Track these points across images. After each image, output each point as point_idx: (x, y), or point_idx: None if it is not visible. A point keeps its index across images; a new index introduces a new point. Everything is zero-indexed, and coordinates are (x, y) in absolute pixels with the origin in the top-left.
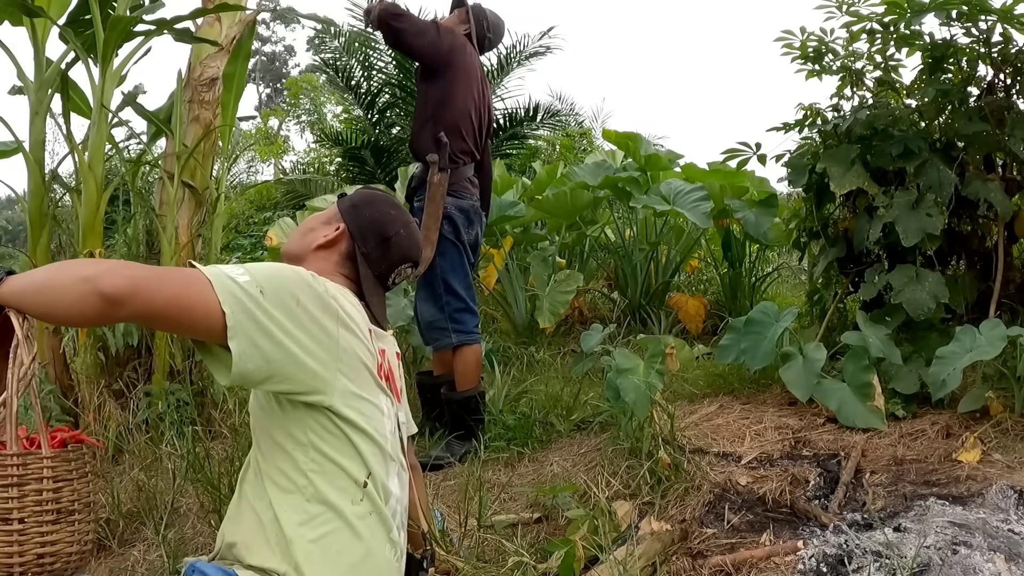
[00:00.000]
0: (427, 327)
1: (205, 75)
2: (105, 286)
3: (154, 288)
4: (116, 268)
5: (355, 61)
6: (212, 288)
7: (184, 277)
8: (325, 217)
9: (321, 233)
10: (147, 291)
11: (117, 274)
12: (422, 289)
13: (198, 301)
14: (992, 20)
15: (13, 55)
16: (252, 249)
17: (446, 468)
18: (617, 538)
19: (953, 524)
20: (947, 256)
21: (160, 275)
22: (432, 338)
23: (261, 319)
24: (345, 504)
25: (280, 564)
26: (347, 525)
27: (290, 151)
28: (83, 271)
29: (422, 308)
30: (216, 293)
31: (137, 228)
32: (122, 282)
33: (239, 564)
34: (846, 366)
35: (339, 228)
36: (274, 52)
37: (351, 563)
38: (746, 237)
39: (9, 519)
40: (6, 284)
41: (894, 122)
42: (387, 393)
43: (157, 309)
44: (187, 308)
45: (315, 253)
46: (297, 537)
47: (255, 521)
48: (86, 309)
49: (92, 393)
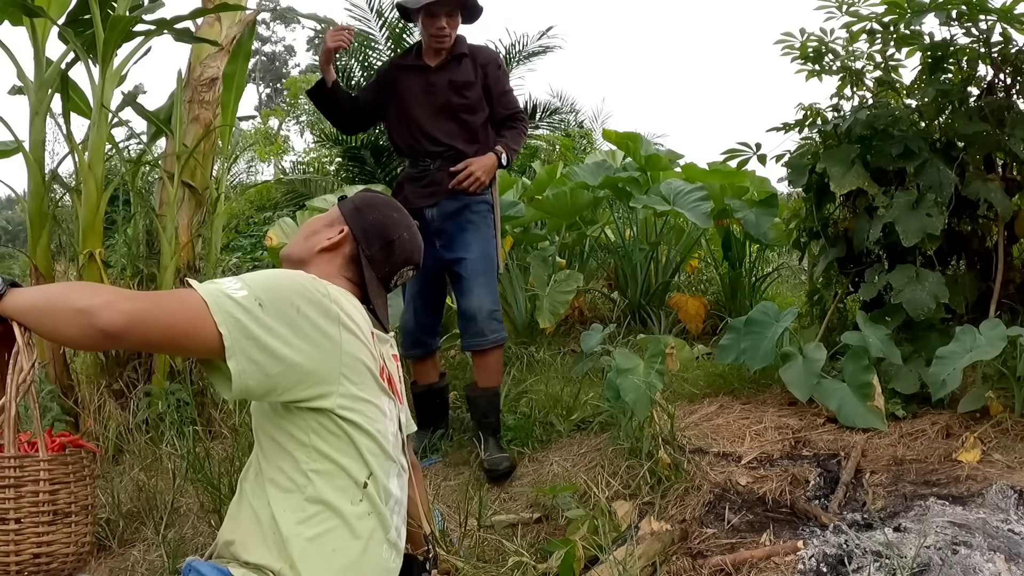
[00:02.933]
0: (487, 317)
1: (205, 75)
2: (102, 322)
3: (150, 320)
4: (113, 303)
5: (355, 61)
6: (208, 310)
7: (179, 303)
8: (327, 220)
9: (324, 236)
10: (143, 325)
11: (114, 309)
12: (480, 277)
13: (194, 326)
14: (992, 20)
15: (13, 55)
16: (252, 249)
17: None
18: (617, 538)
19: (953, 524)
20: (947, 256)
21: (156, 305)
22: (490, 329)
23: (259, 335)
24: (344, 504)
25: (275, 561)
26: (345, 524)
27: (290, 151)
28: (81, 301)
29: (481, 297)
30: (212, 314)
31: (137, 228)
32: (118, 318)
33: (235, 562)
34: (846, 366)
35: (343, 231)
36: (274, 52)
37: (346, 562)
38: (746, 237)
39: (6, 519)
40: (8, 298)
41: (894, 122)
42: (389, 395)
43: (154, 340)
44: (183, 335)
45: (318, 256)
46: (294, 535)
47: (253, 519)
48: (83, 341)
49: (92, 393)
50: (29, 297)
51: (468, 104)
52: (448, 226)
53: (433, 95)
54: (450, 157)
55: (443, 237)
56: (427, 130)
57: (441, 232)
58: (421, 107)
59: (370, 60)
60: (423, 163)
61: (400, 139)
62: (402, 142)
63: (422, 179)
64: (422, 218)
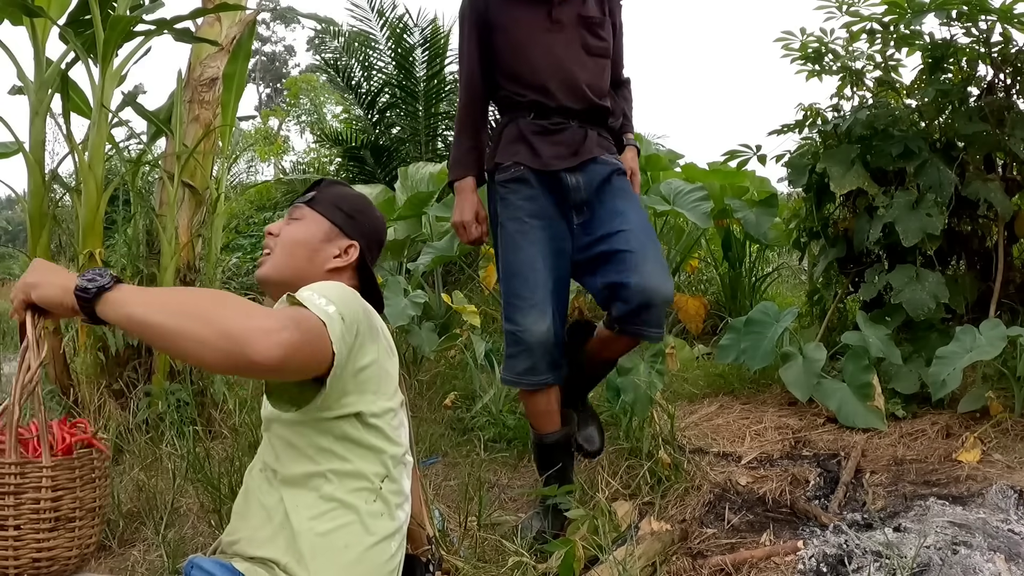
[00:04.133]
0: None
1: (205, 75)
2: (259, 355)
3: (303, 350)
4: (271, 332)
5: (355, 61)
6: (327, 331)
7: (318, 330)
8: (321, 234)
9: (330, 254)
10: (296, 357)
11: (272, 341)
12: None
13: (321, 350)
14: (992, 20)
15: (13, 55)
16: (252, 249)
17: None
18: (617, 538)
19: (953, 524)
20: (947, 256)
21: (303, 333)
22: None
23: (347, 353)
24: (360, 503)
25: (283, 555)
26: (360, 522)
27: (290, 151)
28: (233, 324)
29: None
30: (329, 335)
31: (137, 228)
32: (276, 352)
33: (239, 558)
34: (846, 366)
35: (353, 246)
36: (274, 52)
37: (354, 558)
38: (746, 237)
39: (5, 526)
40: (112, 299)
41: (894, 122)
42: (402, 396)
43: (296, 371)
44: (314, 361)
45: (328, 274)
46: (306, 530)
47: (262, 515)
48: (226, 368)
49: (92, 393)
50: (148, 303)
51: (605, 46)
52: (596, 196)
53: (561, 33)
54: (593, 113)
55: (586, 211)
56: (561, 77)
57: (585, 205)
58: (549, 49)
59: (370, 60)
60: (557, 119)
61: (518, 87)
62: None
63: (556, 133)
64: (559, 184)
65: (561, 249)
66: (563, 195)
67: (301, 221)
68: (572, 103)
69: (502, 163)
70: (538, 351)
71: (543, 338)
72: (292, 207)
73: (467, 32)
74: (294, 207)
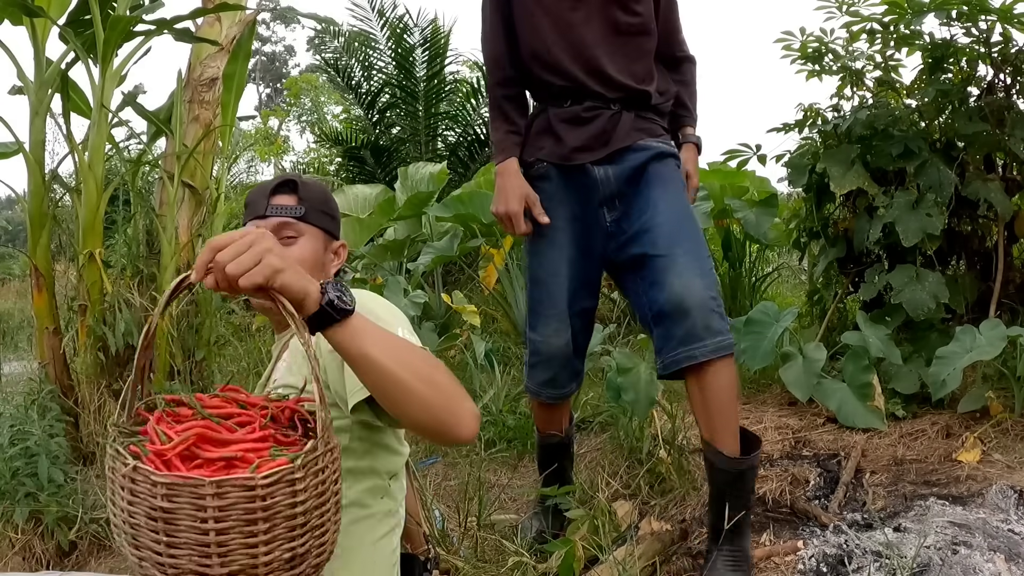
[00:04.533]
0: (701, 306)
1: (205, 75)
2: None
3: None
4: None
5: (355, 61)
6: None
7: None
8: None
9: (329, 260)
10: None
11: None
12: (684, 244)
13: None
14: (992, 20)
15: (13, 55)
16: None
17: None
18: (617, 538)
19: (953, 524)
20: (947, 256)
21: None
22: (706, 326)
23: None
24: (370, 500)
25: None
26: (369, 518)
27: (290, 151)
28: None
29: (696, 283)
30: None
31: (137, 228)
32: (475, 429)
33: None
34: (846, 366)
35: (342, 244)
36: (274, 52)
37: (366, 553)
38: (746, 237)
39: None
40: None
41: (894, 122)
42: None
43: None
44: None
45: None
46: None
47: None
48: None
49: (92, 393)
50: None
51: (640, 23)
52: (629, 187)
53: (584, 11)
54: (634, 99)
55: (619, 205)
56: (584, 61)
57: (616, 198)
58: (570, 31)
59: (370, 60)
60: (591, 104)
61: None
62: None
63: (588, 121)
64: (585, 178)
65: (588, 250)
66: (590, 190)
67: (300, 240)
68: (604, 90)
69: (527, 159)
70: (557, 363)
71: (561, 351)
72: (281, 223)
73: (489, 14)
74: (284, 223)
